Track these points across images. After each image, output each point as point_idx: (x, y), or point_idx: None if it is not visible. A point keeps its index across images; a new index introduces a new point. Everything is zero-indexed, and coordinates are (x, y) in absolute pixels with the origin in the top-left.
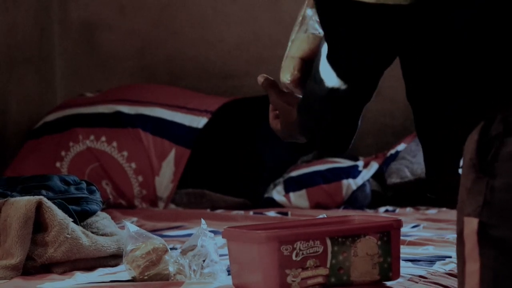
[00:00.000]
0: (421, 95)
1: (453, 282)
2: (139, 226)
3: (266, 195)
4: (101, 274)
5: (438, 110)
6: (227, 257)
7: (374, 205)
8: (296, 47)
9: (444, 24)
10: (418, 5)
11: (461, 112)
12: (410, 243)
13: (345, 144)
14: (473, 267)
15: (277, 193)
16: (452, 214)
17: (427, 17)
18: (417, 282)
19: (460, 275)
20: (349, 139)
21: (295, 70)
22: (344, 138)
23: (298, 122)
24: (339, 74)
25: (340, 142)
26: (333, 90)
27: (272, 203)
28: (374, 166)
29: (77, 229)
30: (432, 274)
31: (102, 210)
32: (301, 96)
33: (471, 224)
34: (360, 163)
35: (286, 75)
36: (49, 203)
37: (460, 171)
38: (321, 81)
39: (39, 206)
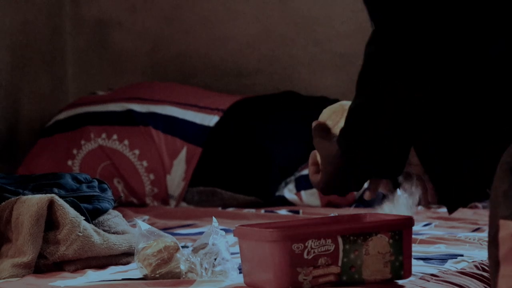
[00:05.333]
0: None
1: (465, 280)
2: (151, 224)
3: (277, 194)
4: (113, 272)
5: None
6: (239, 255)
7: None
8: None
9: (479, 55)
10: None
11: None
12: (422, 242)
13: (401, 164)
14: (508, 270)
15: (289, 192)
16: (463, 213)
17: (463, 48)
18: (428, 281)
19: (492, 277)
20: (404, 157)
21: None
22: (400, 156)
23: (343, 157)
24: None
25: (396, 162)
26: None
27: (284, 202)
28: None
29: (89, 227)
30: (444, 273)
31: (114, 208)
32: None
33: (508, 226)
34: None
35: None
36: (61, 201)
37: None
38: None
39: (51, 204)
